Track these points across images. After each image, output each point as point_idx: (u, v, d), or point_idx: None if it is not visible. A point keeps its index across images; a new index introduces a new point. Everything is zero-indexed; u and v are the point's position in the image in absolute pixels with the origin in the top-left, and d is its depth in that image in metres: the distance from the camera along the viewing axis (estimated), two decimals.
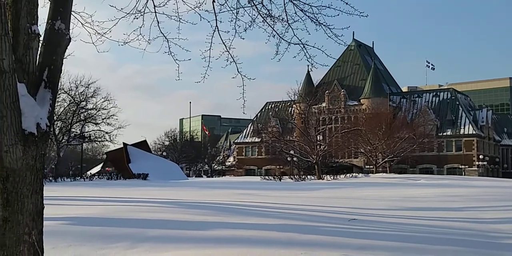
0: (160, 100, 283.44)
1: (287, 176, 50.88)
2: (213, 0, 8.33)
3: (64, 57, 5.03)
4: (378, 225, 10.34)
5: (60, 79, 5.16)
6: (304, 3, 8.34)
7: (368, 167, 74.54)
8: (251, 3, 8.35)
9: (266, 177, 51.75)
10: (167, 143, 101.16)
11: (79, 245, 7.53)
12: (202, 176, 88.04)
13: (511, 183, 37.11)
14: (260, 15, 8.46)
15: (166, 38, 8.29)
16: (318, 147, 55.99)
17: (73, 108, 55.17)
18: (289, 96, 70.49)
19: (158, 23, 8.23)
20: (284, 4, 8.46)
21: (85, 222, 9.65)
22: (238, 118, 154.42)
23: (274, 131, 78.31)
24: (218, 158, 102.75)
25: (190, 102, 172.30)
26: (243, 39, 8.86)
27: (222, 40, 8.57)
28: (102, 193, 21.05)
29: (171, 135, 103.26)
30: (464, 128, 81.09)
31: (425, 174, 68.03)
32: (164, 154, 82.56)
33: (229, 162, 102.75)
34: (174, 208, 12.75)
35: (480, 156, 78.52)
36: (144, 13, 8.08)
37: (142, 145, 52.07)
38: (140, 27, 8.26)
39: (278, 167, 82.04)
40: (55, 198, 15.50)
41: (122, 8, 8.13)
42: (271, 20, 8.58)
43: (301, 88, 73.18)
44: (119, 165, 47.91)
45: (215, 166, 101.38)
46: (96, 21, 7.68)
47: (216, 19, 8.44)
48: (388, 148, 65.89)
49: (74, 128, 55.98)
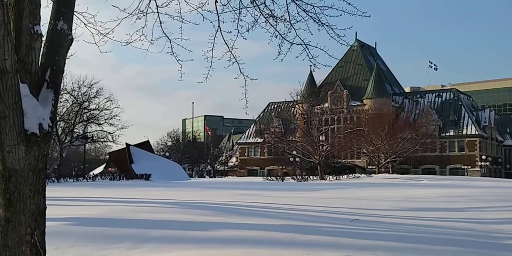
0: (162, 101, 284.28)
1: (289, 177, 50.73)
2: (215, 1, 8.33)
3: (66, 57, 5.03)
4: (380, 225, 10.33)
5: (63, 80, 5.15)
6: (307, 4, 8.34)
7: (371, 167, 74.37)
8: (254, 4, 8.35)
9: (269, 177, 51.58)
10: (169, 144, 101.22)
11: (81, 245, 7.55)
12: (204, 177, 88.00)
13: None
14: (263, 16, 8.46)
15: (168, 38, 8.29)
16: (320, 147, 55.90)
17: (75, 109, 55.33)
18: (291, 97, 70.53)
19: (161, 23, 8.24)
20: (286, 4, 8.46)
21: (87, 223, 9.66)
22: (240, 118, 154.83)
23: (277, 131, 78.20)
24: (220, 159, 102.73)
25: (193, 103, 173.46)
26: (246, 39, 8.86)
27: (224, 40, 8.58)
28: (104, 193, 21.08)
29: (174, 135, 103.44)
30: (466, 129, 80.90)
31: (427, 174, 67.77)
32: (167, 154, 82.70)
33: (231, 162, 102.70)
34: (177, 209, 12.76)
35: (483, 157, 78.35)
36: (146, 13, 8.08)
37: (145, 145, 52.10)
38: (143, 27, 8.26)
39: (280, 167, 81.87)
40: (58, 198, 15.52)
41: (124, 9, 8.13)
42: (274, 21, 8.57)
43: (303, 89, 73.19)
44: (122, 165, 47.95)
45: (218, 167, 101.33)
46: (99, 21, 7.71)
47: (218, 20, 8.44)
48: (390, 149, 65.84)
49: (76, 129, 56.15)
